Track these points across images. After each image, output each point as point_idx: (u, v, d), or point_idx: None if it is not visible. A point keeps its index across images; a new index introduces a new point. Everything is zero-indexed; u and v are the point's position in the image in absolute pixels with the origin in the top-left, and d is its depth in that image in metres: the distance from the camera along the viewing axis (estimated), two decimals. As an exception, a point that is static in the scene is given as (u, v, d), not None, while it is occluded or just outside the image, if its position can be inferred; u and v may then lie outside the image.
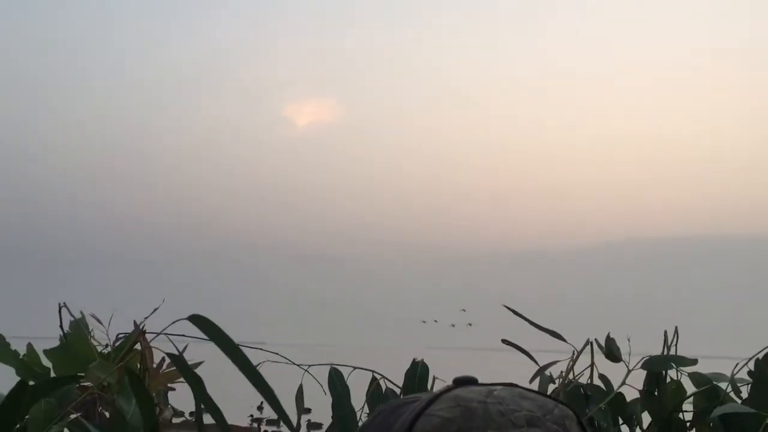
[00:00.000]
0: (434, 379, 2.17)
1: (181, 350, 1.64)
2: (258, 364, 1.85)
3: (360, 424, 2.05)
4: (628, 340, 2.17)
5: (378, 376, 2.12)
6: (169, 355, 1.58)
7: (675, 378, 2.13)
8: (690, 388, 2.12)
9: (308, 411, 2.31)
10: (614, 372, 2.19)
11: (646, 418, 2.15)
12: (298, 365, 2.10)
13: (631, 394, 2.16)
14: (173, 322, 1.56)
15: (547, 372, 2.21)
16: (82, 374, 1.51)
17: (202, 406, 1.50)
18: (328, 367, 2.10)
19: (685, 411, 2.13)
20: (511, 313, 2.23)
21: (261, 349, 2.02)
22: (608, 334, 2.16)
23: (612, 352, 2.14)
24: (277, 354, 2.07)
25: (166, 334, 1.64)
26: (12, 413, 1.24)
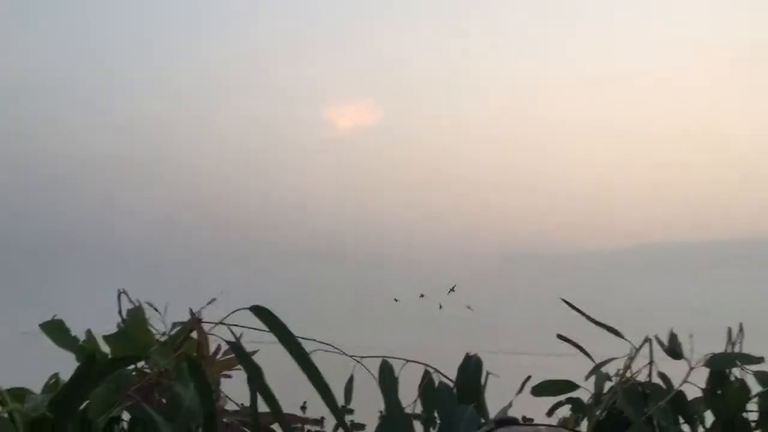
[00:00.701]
0: (487, 374, 2.13)
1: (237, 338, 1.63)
2: (309, 353, 1.83)
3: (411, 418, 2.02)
4: (690, 338, 2.11)
5: (431, 370, 2.09)
6: (228, 342, 1.58)
7: (739, 377, 2.08)
8: (755, 387, 2.06)
9: (351, 411, 2.28)
10: (673, 371, 2.14)
11: (708, 418, 2.09)
12: (350, 356, 2.08)
13: (691, 392, 2.10)
14: (233, 311, 1.55)
15: (603, 369, 2.16)
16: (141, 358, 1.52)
17: (258, 395, 1.49)
18: (379, 361, 2.07)
19: (750, 411, 2.07)
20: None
21: (314, 340, 2.00)
22: (671, 329, 2.11)
23: (674, 348, 2.09)
24: (331, 345, 2.05)
25: (224, 324, 1.63)
26: (77, 394, 1.24)
